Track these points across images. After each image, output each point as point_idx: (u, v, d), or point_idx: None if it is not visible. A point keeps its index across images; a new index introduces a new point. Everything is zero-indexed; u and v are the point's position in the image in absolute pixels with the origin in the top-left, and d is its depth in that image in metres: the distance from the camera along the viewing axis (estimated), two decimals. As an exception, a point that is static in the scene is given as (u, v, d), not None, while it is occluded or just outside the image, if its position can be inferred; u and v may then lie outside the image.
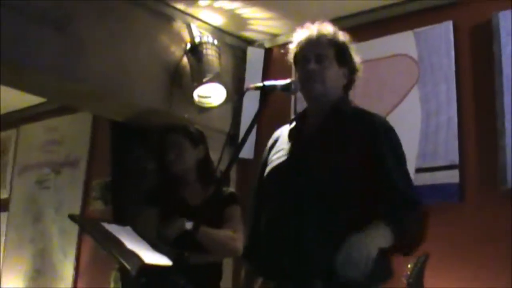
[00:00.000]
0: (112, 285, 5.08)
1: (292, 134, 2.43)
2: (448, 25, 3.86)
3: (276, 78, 2.28)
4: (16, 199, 6.27)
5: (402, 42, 4.04)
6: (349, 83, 2.44)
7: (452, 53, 3.82)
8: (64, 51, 3.79)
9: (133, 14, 4.19)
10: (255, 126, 2.41)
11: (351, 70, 2.42)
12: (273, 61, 4.71)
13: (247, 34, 4.71)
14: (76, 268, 5.44)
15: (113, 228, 2.78)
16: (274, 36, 4.69)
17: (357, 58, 2.44)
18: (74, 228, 5.44)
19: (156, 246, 2.82)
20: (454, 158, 3.69)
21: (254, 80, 4.50)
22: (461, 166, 3.66)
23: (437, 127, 3.80)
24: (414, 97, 3.93)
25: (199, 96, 4.36)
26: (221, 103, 4.42)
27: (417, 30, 3.99)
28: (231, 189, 3.42)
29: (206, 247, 2.96)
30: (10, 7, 3.51)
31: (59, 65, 3.80)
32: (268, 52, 4.75)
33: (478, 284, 3.41)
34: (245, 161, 4.20)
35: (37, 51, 3.68)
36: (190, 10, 4.39)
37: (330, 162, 2.26)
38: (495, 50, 3.61)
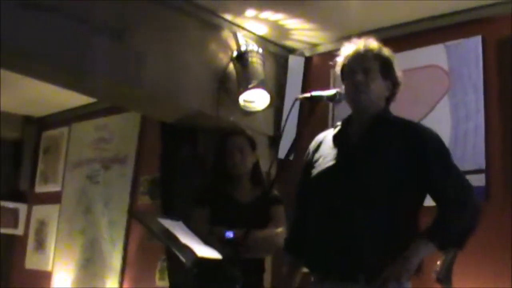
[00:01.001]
0: (157, 275, 5.22)
1: (337, 140, 2.54)
2: (477, 39, 3.95)
3: (315, 85, 2.37)
4: (67, 193, 6.41)
5: (434, 54, 4.13)
6: (391, 95, 2.54)
7: (481, 65, 3.91)
8: (121, 58, 3.95)
9: (184, 24, 4.30)
10: (296, 130, 2.57)
11: (394, 83, 2.52)
12: (312, 68, 4.76)
13: (289, 43, 4.78)
14: (124, 258, 5.56)
15: (167, 223, 2.96)
16: (314, 45, 4.75)
17: (399, 73, 2.53)
18: (122, 221, 5.61)
19: (207, 241, 2.98)
20: (481, 163, 3.76)
21: (294, 86, 4.63)
22: (487, 171, 3.74)
23: (465, 133, 3.88)
24: (444, 106, 4.02)
25: (244, 101, 4.48)
26: (265, 107, 4.54)
27: (448, 43, 4.08)
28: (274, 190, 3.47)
29: (253, 247, 2.99)
30: (74, 18, 3.70)
31: (116, 71, 3.95)
32: (308, 60, 4.80)
33: (502, 280, 3.49)
34: (285, 161, 4.25)
35: (97, 58, 3.82)
36: (237, 20, 4.49)
37: (375, 166, 2.38)
38: (521, 62, 3.70)
